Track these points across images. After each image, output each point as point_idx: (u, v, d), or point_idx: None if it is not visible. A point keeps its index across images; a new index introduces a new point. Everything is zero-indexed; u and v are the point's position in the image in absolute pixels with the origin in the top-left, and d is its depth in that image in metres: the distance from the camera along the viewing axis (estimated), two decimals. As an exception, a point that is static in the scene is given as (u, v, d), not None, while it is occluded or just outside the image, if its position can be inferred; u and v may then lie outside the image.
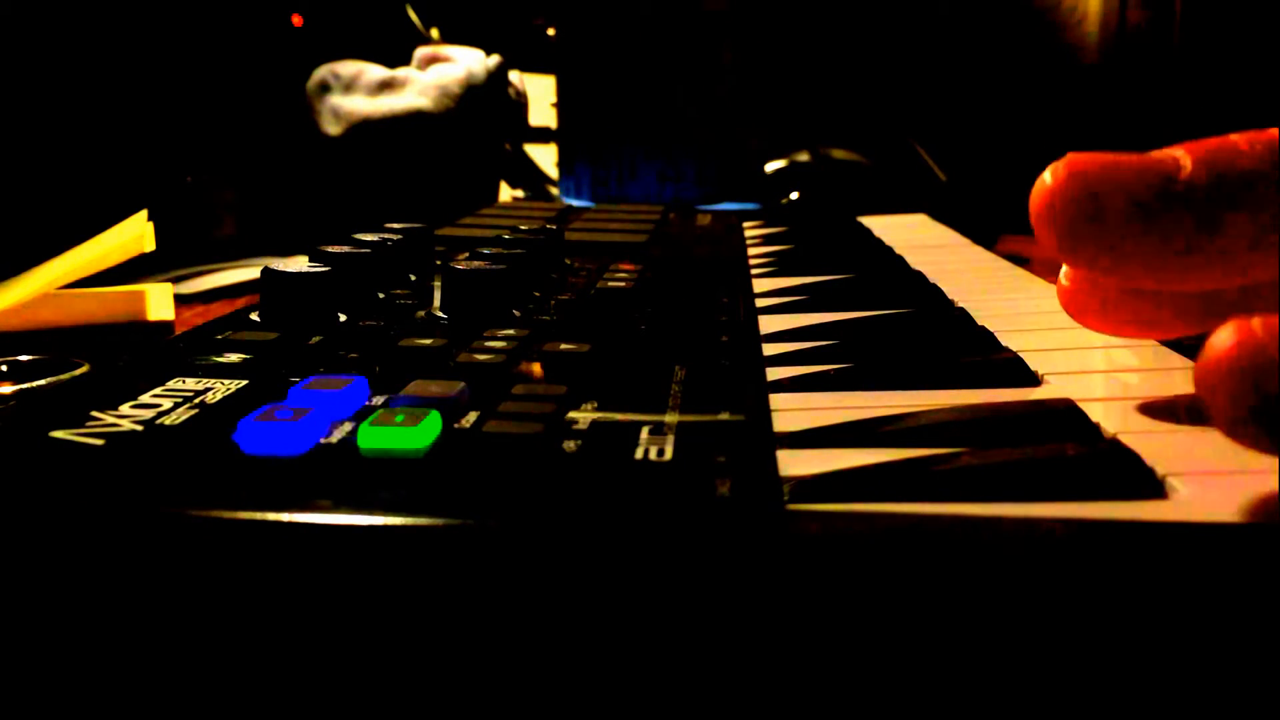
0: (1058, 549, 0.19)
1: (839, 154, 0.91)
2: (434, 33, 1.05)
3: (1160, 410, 0.26)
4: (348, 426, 0.24)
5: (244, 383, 0.28)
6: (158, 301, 0.56)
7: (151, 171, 0.76)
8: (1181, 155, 0.22)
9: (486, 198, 0.93)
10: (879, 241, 0.60)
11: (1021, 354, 0.31)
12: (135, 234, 0.52)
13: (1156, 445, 0.23)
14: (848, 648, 0.18)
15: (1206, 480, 0.21)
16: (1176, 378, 0.29)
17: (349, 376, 0.26)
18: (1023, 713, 0.18)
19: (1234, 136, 0.22)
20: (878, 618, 0.18)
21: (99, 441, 0.23)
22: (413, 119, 0.86)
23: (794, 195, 0.89)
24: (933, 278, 0.45)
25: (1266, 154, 0.22)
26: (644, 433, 0.24)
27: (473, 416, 0.25)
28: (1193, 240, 0.22)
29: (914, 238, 0.61)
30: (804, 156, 0.91)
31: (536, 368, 0.30)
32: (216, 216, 0.82)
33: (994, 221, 0.81)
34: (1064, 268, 0.24)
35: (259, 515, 0.19)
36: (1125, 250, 0.22)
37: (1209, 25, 0.83)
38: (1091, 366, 0.31)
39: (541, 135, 1.05)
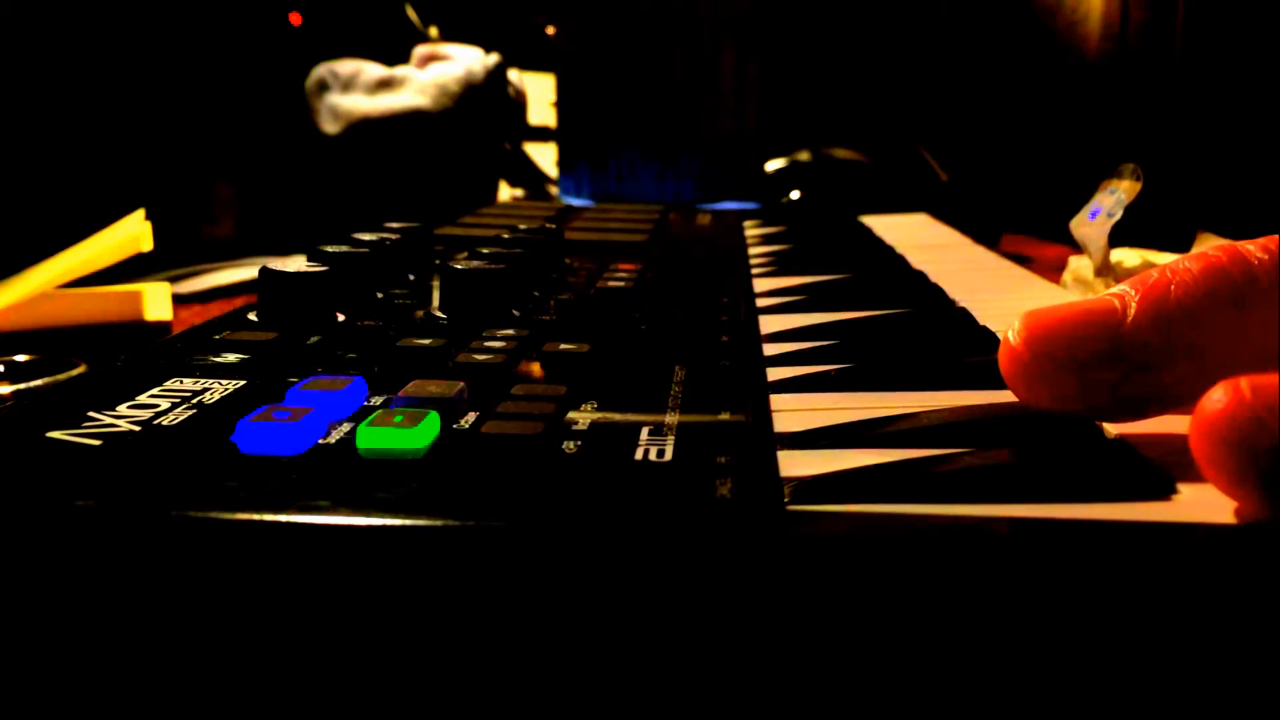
0: (1059, 550, 0.19)
1: (840, 153, 0.91)
2: (433, 31, 1.05)
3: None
4: (346, 427, 0.24)
5: (242, 383, 0.27)
6: (155, 301, 0.56)
7: (150, 171, 0.76)
8: (1127, 297, 0.23)
9: (486, 197, 0.93)
10: (880, 241, 0.60)
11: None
12: (133, 233, 0.52)
13: (1158, 445, 0.23)
14: (848, 648, 0.18)
15: (1209, 481, 0.21)
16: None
17: (348, 377, 0.26)
18: (1024, 713, 0.18)
19: (1180, 264, 0.23)
20: (878, 619, 0.18)
21: (96, 442, 0.23)
22: (411, 118, 0.85)
23: (794, 195, 0.88)
24: (934, 277, 0.45)
25: (1203, 278, 0.23)
26: (644, 433, 0.24)
27: (472, 417, 0.25)
28: (1141, 386, 0.23)
29: (915, 237, 0.61)
30: (804, 156, 0.91)
31: (536, 368, 0.30)
32: (214, 216, 0.82)
33: (996, 221, 0.81)
34: (1014, 326, 0.24)
35: (257, 516, 0.19)
36: (1085, 395, 0.24)
37: (1210, 26, 0.83)
38: (1093, 367, 0.31)
39: (541, 135, 1.05)
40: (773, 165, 0.91)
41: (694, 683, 0.18)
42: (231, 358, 0.30)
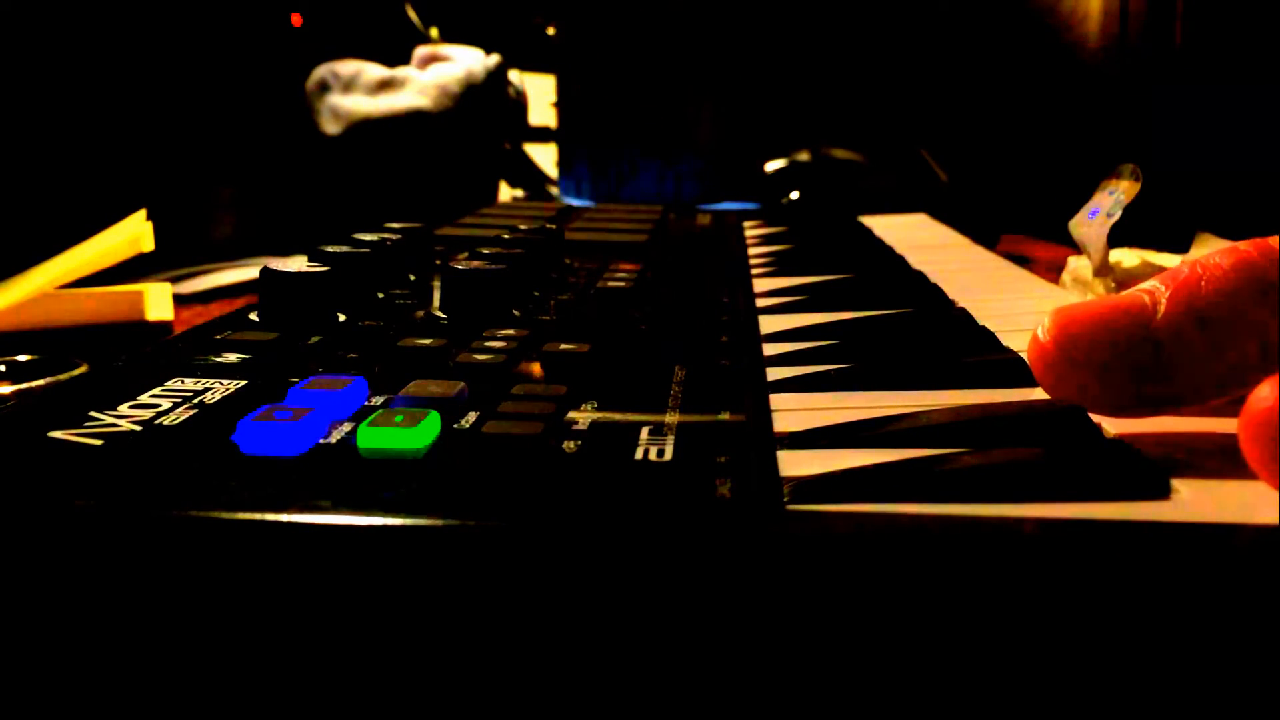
0: (1059, 550, 0.19)
1: (839, 154, 0.91)
2: (433, 32, 1.05)
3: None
4: (347, 427, 0.24)
5: (243, 383, 0.28)
6: (157, 301, 0.56)
7: (151, 171, 0.76)
8: (1157, 293, 0.23)
9: (486, 197, 0.93)
10: (879, 241, 0.60)
11: (1022, 354, 0.31)
12: (134, 234, 0.52)
13: (1158, 445, 0.23)
14: (848, 648, 0.18)
15: (1208, 481, 0.21)
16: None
17: (348, 377, 0.26)
18: (1024, 713, 0.18)
19: (1212, 259, 0.23)
20: (878, 618, 0.18)
21: (97, 442, 0.23)
22: (412, 118, 0.85)
23: (794, 195, 0.88)
24: (933, 278, 0.45)
25: (1235, 275, 0.23)
26: (644, 433, 0.24)
27: (472, 417, 0.25)
28: (1170, 382, 0.23)
29: (915, 237, 0.61)
30: (804, 156, 0.91)
31: (536, 368, 0.30)
32: (216, 216, 0.82)
33: (995, 221, 0.81)
34: (1043, 324, 0.24)
35: (258, 516, 0.19)
36: (1114, 392, 0.24)
37: (1210, 26, 0.83)
38: (1092, 366, 0.31)
39: (541, 135, 1.05)
40: (772, 165, 0.91)
41: (694, 682, 0.18)
42: (232, 358, 0.30)
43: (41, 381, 0.40)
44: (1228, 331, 0.22)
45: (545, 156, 1.04)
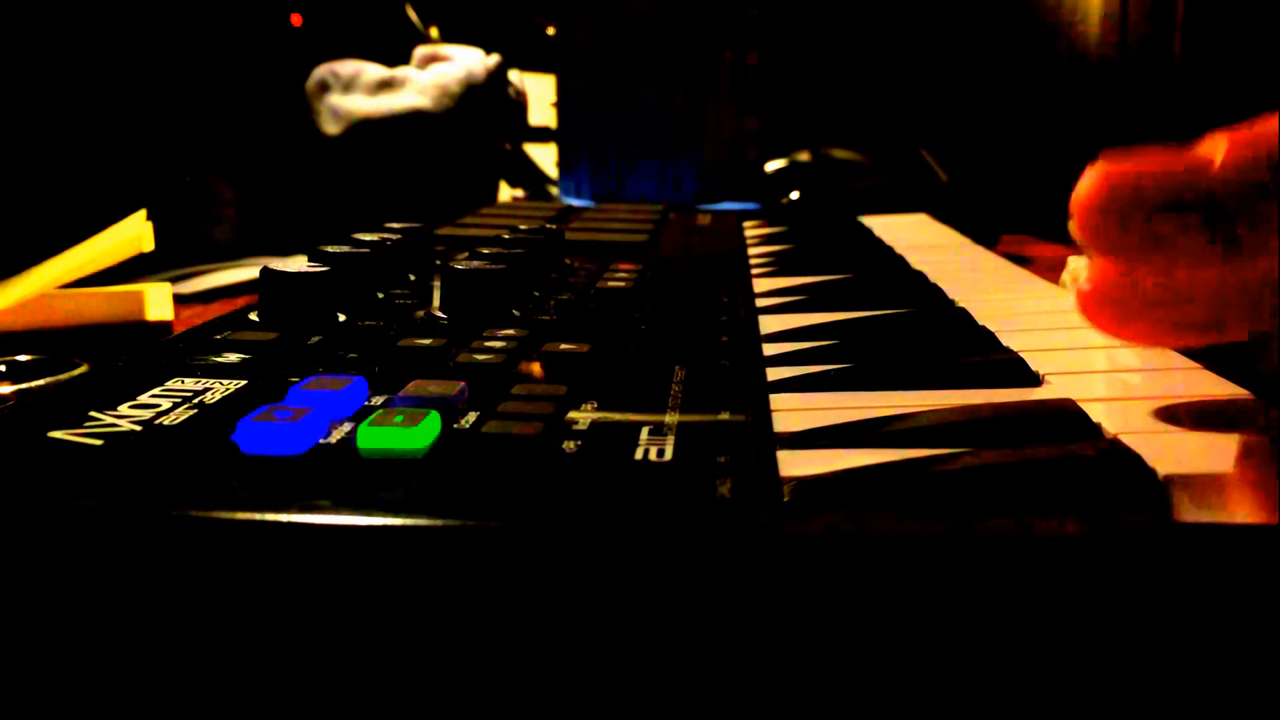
0: (1058, 549, 0.19)
1: (839, 154, 0.91)
2: (433, 32, 1.05)
3: (1161, 410, 0.26)
4: (347, 427, 0.24)
5: (243, 383, 0.28)
6: (157, 301, 0.56)
7: (151, 171, 0.76)
8: (1215, 146, 0.23)
9: (486, 198, 0.93)
10: (879, 241, 0.60)
11: (1022, 354, 0.31)
12: (134, 234, 0.52)
13: (1158, 445, 0.23)
14: (847, 648, 0.18)
15: (1207, 481, 0.21)
16: (1177, 378, 0.29)
17: (348, 376, 0.26)
18: (1024, 711, 0.18)
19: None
20: (877, 618, 0.18)
21: (97, 442, 0.23)
22: (412, 118, 0.85)
23: (794, 195, 0.88)
24: (933, 278, 0.45)
25: None
26: (644, 433, 0.24)
27: (472, 417, 0.25)
28: (1218, 232, 0.23)
29: (915, 237, 0.61)
30: (804, 156, 0.91)
31: (536, 368, 0.30)
32: (216, 216, 0.82)
33: (995, 221, 0.81)
34: (1082, 272, 0.24)
35: (258, 516, 0.19)
36: (1161, 244, 0.23)
37: (1210, 27, 0.83)
38: (1092, 366, 0.31)
39: (541, 135, 1.05)
40: (773, 165, 0.91)
41: (693, 682, 0.18)
42: (232, 358, 0.30)
43: (42, 381, 0.40)
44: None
45: (545, 156, 1.04)
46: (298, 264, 0.36)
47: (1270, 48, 0.78)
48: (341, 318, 0.35)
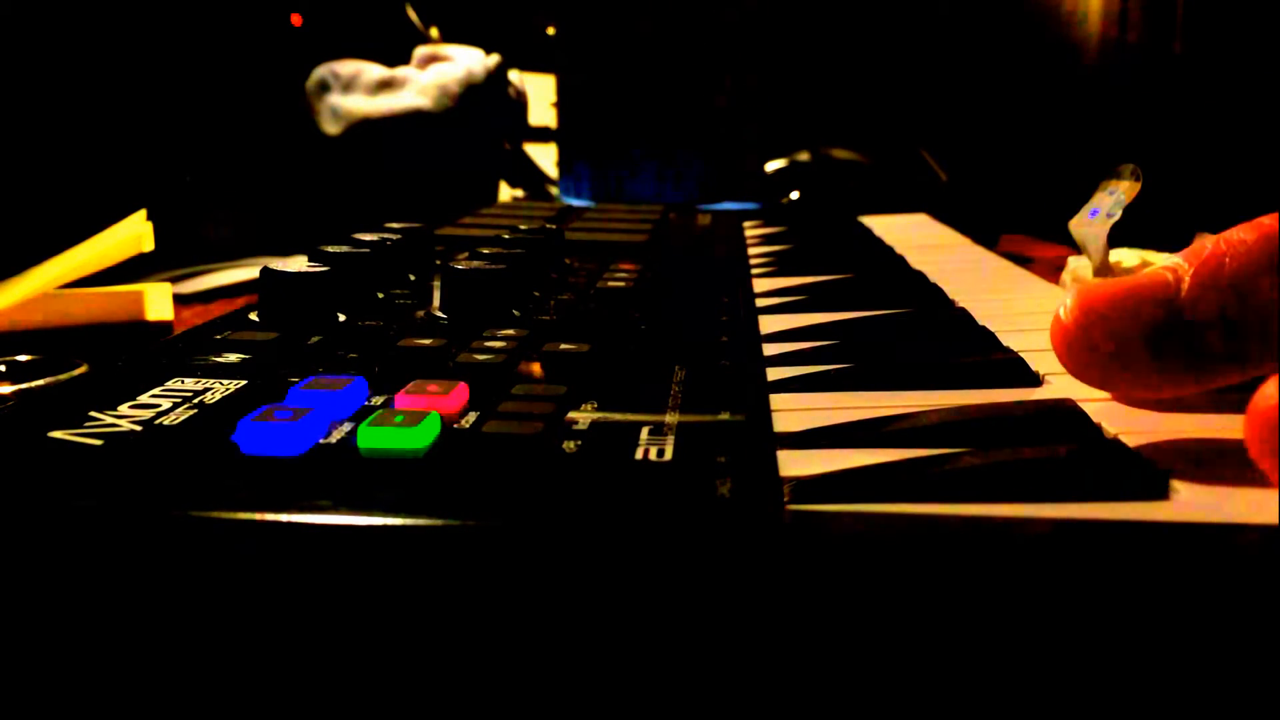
0: (1058, 549, 0.19)
1: (839, 154, 0.91)
2: (433, 32, 1.05)
3: (1161, 410, 0.26)
4: (347, 427, 0.24)
5: (243, 383, 0.28)
6: (157, 301, 0.56)
7: (151, 171, 0.76)
8: (1180, 270, 0.23)
9: (486, 198, 0.93)
10: (879, 241, 0.60)
11: (1022, 354, 0.31)
12: (134, 234, 0.52)
13: (1158, 445, 0.23)
14: (848, 648, 0.18)
15: (1208, 481, 0.21)
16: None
17: (348, 377, 0.26)
18: (1023, 712, 0.18)
19: (1235, 232, 0.23)
20: (878, 618, 0.18)
21: (97, 442, 0.23)
22: (412, 118, 0.85)
23: (794, 195, 0.88)
24: (933, 278, 0.45)
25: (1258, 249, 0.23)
26: (644, 433, 0.24)
27: (472, 417, 0.25)
28: (1192, 360, 0.23)
29: (915, 237, 0.61)
30: (804, 156, 0.91)
31: (536, 368, 0.30)
32: (216, 216, 0.82)
33: (995, 221, 0.81)
34: (1065, 303, 0.24)
35: (258, 516, 0.19)
36: (1135, 372, 0.24)
37: (1210, 27, 0.83)
38: (1092, 366, 0.31)
39: (541, 135, 1.05)
40: (773, 165, 0.91)
41: (694, 682, 0.18)
42: (232, 358, 0.30)
43: (42, 381, 0.40)
44: (1251, 306, 0.22)
45: (545, 156, 1.04)
46: (298, 264, 0.36)
47: (1270, 47, 0.78)
48: (341, 318, 0.35)
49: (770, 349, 0.34)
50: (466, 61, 0.90)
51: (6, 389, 0.40)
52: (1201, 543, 0.19)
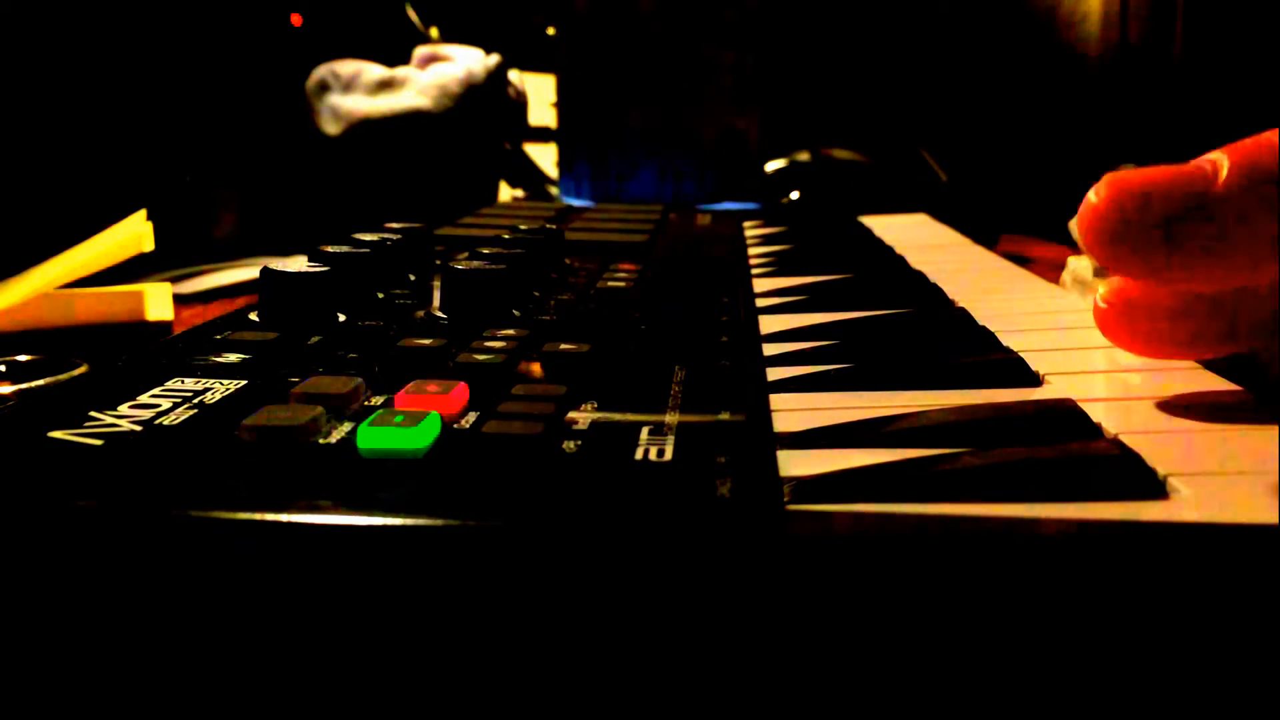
0: (1059, 549, 0.19)
1: (839, 154, 0.91)
2: (433, 32, 1.05)
3: (1161, 410, 0.26)
4: (347, 427, 0.24)
5: (243, 383, 0.28)
6: (157, 301, 0.56)
7: (151, 171, 0.76)
8: (1219, 160, 0.24)
9: (486, 198, 0.93)
10: (879, 241, 0.60)
11: (1022, 354, 0.31)
12: (134, 234, 0.52)
13: (1158, 445, 0.23)
14: (848, 648, 0.18)
15: (1208, 480, 0.21)
16: (1177, 378, 0.29)
17: (348, 377, 0.26)
18: (1024, 712, 0.18)
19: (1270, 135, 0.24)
20: (878, 618, 0.18)
21: (97, 442, 0.23)
22: (412, 118, 0.85)
23: (794, 195, 0.89)
24: (933, 278, 0.45)
25: None
26: (644, 433, 0.24)
27: (472, 417, 0.25)
28: (1225, 243, 0.23)
29: (915, 237, 0.61)
30: (804, 156, 0.91)
31: (536, 368, 0.30)
32: (216, 216, 0.82)
33: (995, 221, 0.81)
34: (1100, 290, 0.25)
35: (258, 515, 0.19)
36: (1166, 258, 0.24)
37: (1210, 28, 0.83)
38: (1092, 366, 0.31)
39: (541, 135, 1.05)
40: (773, 165, 0.91)
41: (694, 682, 0.18)
42: (232, 358, 0.30)
43: (42, 381, 0.40)
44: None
45: (545, 156, 1.04)
46: (298, 264, 0.36)
47: (1270, 47, 0.78)
48: (341, 318, 0.35)
49: (770, 349, 0.34)
50: (466, 61, 0.90)
51: (6, 389, 0.40)
52: (1201, 542, 0.19)
